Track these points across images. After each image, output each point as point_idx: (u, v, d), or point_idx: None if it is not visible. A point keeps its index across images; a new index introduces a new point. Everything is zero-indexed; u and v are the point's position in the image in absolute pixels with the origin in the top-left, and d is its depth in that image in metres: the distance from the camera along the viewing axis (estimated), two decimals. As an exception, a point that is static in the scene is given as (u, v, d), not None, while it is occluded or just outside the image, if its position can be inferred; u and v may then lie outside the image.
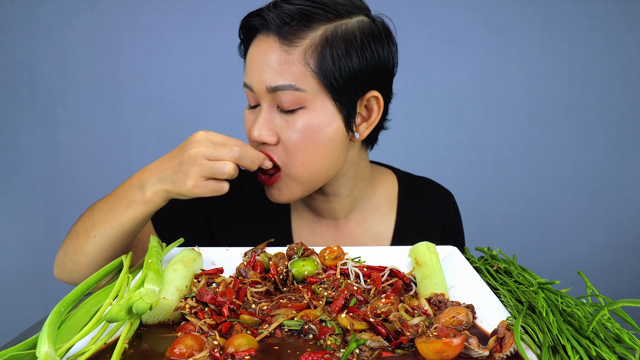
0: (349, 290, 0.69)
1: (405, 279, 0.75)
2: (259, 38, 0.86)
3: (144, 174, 0.82)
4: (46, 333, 0.50)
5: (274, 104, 0.85)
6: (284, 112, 0.84)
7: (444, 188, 1.14)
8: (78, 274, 0.89)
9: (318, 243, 1.03)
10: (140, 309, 0.58)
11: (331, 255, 0.79)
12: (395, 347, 0.56)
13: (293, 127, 0.83)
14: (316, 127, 0.84)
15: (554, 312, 0.57)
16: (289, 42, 0.82)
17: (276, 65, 0.82)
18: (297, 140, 0.84)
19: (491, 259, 0.82)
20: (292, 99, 0.82)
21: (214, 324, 0.61)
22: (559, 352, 0.52)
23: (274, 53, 0.82)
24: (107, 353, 0.55)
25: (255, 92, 0.85)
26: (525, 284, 0.67)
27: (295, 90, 0.82)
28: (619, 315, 0.55)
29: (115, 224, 0.83)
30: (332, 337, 0.57)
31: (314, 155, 0.85)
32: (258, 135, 0.85)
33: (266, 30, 0.84)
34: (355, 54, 0.83)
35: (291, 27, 0.81)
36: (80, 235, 0.87)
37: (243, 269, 0.77)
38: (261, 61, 0.83)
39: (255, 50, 0.85)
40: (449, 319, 0.61)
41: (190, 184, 0.77)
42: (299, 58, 0.82)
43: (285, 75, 0.81)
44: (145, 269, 0.68)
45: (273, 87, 0.82)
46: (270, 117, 0.85)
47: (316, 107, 0.84)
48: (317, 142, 0.84)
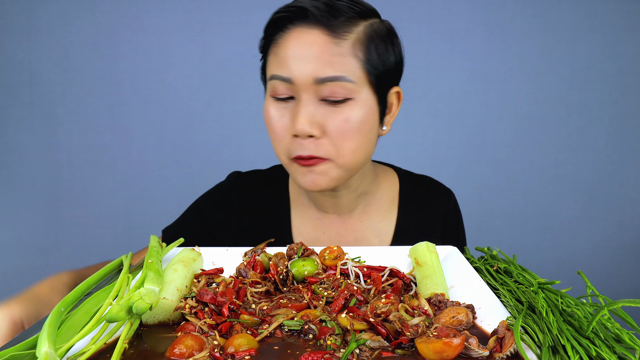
0: (349, 290, 0.69)
1: (405, 279, 0.75)
2: (296, 30, 0.85)
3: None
4: (46, 333, 0.50)
5: (317, 96, 0.85)
6: (331, 104, 0.85)
7: (444, 186, 1.15)
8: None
9: (320, 238, 1.04)
10: (140, 309, 0.58)
11: (331, 255, 0.79)
12: (395, 347, 0.56)
13: (340, 117, 0.85)
14: (363, 118, 0.86)
15: (554, 312, 0.57)
16: (337, 34, 0.83)
17: (326, 57, 0.83)
18: (346, 130, 0.85)
19: (491, 259, 0.82)
20: (342, 90, 0.83)
21: (214, 324, 0.61)
22: (559, 352, 0.52)
23: (323, 45, 0.83)
24: (107, 353, 0.55)
25: (296, 84, 0.84)
26: (525, 284, 0.67)
27: (345, 82, 0.83)
28: (619, 315, 0.55)
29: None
30: (332, 337, 0.57)
31: (362, 144, 0.88)
32: (302, 129, 0.84)
33: (307, 22, 0.84)
34: (390, 49, 0.89)
35: (340, 20, 0.84)
36: None
37: (243, 269, 0.77)
38: (308, 52, 0.83)
39: (297, 41, 0.84)
40: (449, 319, 0.61)
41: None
42: (348, 50, 0.84)
43: (336, 67, 0.83)
44: (145, 269, 0.68)
45: (322, 78, 0.82)
46: (313, 109, 0.85)
47: (362, 98, 0.86)
48: (364, 131, 0.87)
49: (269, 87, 0.89)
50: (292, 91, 0.86)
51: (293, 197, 1.08)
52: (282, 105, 0.88)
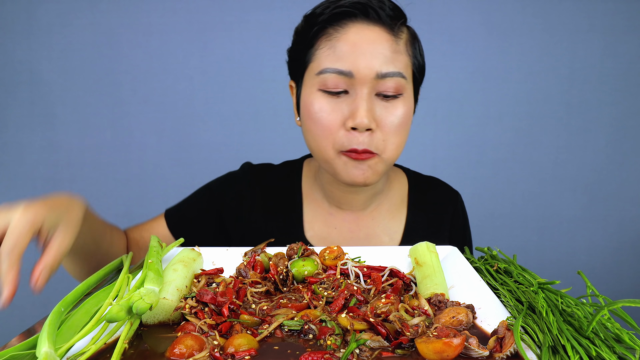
0: (349, 290, 0.69)
1: (405, 279, 0.75)
2: (357, 26, 0.88)
3: None
4: (46, 333, 0.50)
5: (374, 91, 0.88)
6: (384, 98, 0.89)
7: (451, 188, 1.17)
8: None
9: (332, 234, 1.05)
10: (140, 309, 0.58)
11: (331, 255, 0.79)
12: (395, 347, 0.56)
13: (394, 112, 0.90)
14: (408, 114, 0.92)
15: (554, 312, 0.57)
16: (395, 34, 0.89)
17: (389, 54, 0.87)
18: (397, 125, 0.90)
19: (491, 259, 0.82)
20: (397, 86, 0.88)
21: (214, 324, 0.61)
22: (559, 352, 0.52)
23: (386, 42, 0.88)
24: (107, 353, 0.55)
25: (357, 78, 0.86)
26: (525, 284, 0.67)
27: (401, 78, 0.88)
28: (619, 315, 0.55)
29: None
30: (332, 337, 0.57)
31: (404, 140, 0.94)
32: (361, 122, 0.86)
33: (368, 20, 0.88)
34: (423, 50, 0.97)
35: (396, 21, 0.90)
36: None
37: (243, 269, 0.77)
38: (371, 48, 0.86)
39: (359, 37, 0.87)
40: (449, 319, 0.61)
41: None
42: (403, 49, 0.90)
43: (396, 64, 0.88)
44: (145, 269, 0.68)
45: (384, 73, 0.86)
46: (370, 104, 0.88)
47: (409, 95, 0.93)
48: (407, 127, 0.93)
49: (318, 81, 0.89)
50: (347, 85, 0.88)
51: (305, 192, 1.08)
52: (334, 99, 0.89)
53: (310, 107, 0.90)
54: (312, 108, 0.90)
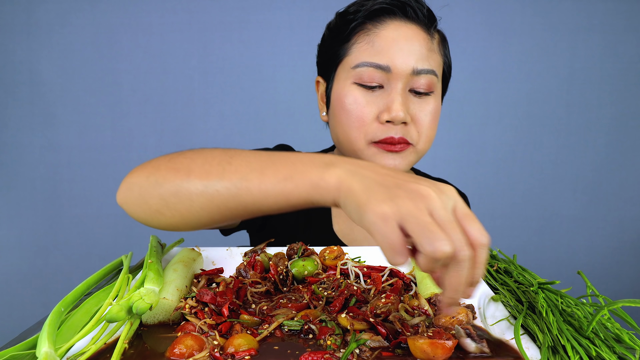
0: (349, 290, 0.69)
1: (405, 279, 0.75)
2: (395, 23, 0.91)
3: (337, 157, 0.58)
4: (46, 333, 0.50)
5: (408, 87, 0.91)
6: (417, 94, 0.92)
7: (459, 190, 1.17)
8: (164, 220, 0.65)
9: (354, 230, 1.06)
10: (140, 309, 0.58)
11: (331, 255, 0.79)
12: (395, 346, 0.56)
13: (427, 108, 0.93)
14: (438, 111, 0.96)
15: (554, 312, 0.57)
16: (429, 33, 0.93)
17: (425, 51, 0.91)
18: (429, 120, 0.94)
19: (491, 259, 0.82)
20: (430, 83, 0.91)
21: (214, 324, 0.61)
22: (559, 352, 0.52)
23: (422, 40, 0.91)
24: (107, 353, 0.55)
25: (394, 73, 0.89)
26: (525, 284, 0.67)
27: (434, 75, 0.92)
28: (619, 315, 0.55)
29: (256, 190, 0.59)
30: (332, 337, 0.57)
31: (434, 135, 0.97)
32: (397, 115, 0.88)
33: (406, 18, 0.91)
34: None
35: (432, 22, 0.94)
36: (194, 177, 0.62)
37: (243, 269, 0.77)
38: (409, 45, 0.90)
39: (398, 33, 0.90)
40: (448, 319, 0.61)
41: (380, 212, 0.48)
42: (437, 48, 0.95)
43: (430, 61, 0.91)
44: (145, 269, 0.67)
45: (419, 69, 0.89)
46: (405, 98, 0.91)
47: (438, 93, 0.96)
48: (436, 124, 0.97)
49: (354, 74, 0.91)
50: (383, 80, 0.90)
51: None
52: (369, 93, 0.92)
53: (344, 99, 0.93)
54: (346, 100, 0.92)
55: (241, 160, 0.61)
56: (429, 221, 0.47)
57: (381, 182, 0.51)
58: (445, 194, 0.50)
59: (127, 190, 0.68)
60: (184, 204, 0.62)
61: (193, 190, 0.62)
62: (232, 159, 0.62)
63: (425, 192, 0.49)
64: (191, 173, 0.62)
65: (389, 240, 0.47)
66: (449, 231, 0.47)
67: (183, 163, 0.65)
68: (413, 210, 0.47)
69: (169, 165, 0.66)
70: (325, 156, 0.58)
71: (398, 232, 0.47)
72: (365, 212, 0.49)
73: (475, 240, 0.48)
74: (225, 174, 0.60)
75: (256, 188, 0.58)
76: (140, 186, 0.66)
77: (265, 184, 0.58)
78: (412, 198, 0.48)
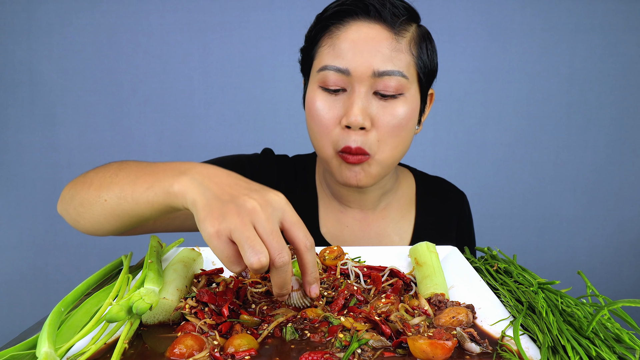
0: (349, 290, 0.69)
1: (405, 279, 0.75)
2: (357, 24, 0.87)
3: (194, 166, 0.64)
4: (46, 333, 0.50)
5: (371, 90, 0.87)
6: (382, 97, 0.87)
7: (457, 188, 1.18)
8: (81, 227, 0.79)
9: (344, 232, 1.05)
10: (140, 309, 0.58)
11: (331, 255, 0.79)
12: (396, 346, 0.56)
13: (392, 112, 0.88)
14: (409, 114, 0.90)
15: (554, 312, 0.57)
16: (397, 32, 0.88)
17: (388, 52, 0.86)
18: (394, 125, 0.88)
19: (491, 259, 0.82)
20: (397, 85, 0.86)
21: (214, 324, 0.61)
22: (559, 352, 0.52)
23: (385, 40, 0.86)
24: (107, 353, 0.55)
25: (354, 76, 0.86)
26: (525, 284, 0.67)
27: (401, 77, 0.87)
28: (619, 315, 0.55)
29: (130, 198, 0.68)
30: (342, 334, 0.57)
31: (402, 140, 0.91)
32: (355, 120, 0.85)
33: (369, 18, 0.87)
34: (433, 51, 0.95)
35: (400, 19, 0.88)
36: (92, 190, 0.73)
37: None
38: (369, 46, 0.86)
39: (358, 35, 0.87)
40: (449, 319, 0.61)
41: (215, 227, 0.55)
42: (406, 48, 0.88)
43: (395, 62, 0.86)
44: (145, 269, 0.67)
45: (381, 71, 0.85)
46: (367, 102, 0.87)
47: (411, 95, 0.90)
48: (406, 128, 0.90)
49: (319, 78, 0.89)
50: (345, 83, 0.87)
51: (318, 188, 1.09)
52: (332, 97, 0.89)
53: (310, 104, 0.91)
54: (312, 105, 0.90)
55: (125, 172, 0.71)
56: (249, 235, 0.54)
57: (219, 196, 0.58)
58: (271, 206, 0.57)
59: (60, 202, 0.82)
60: (87, 212, 0.74)
61: (91, 200, 0.73)
62: (119, 171, 0.72)
63: (251, 207, 0.56)
64: (91, 185, 0.74)
65: (223, 254, 0.56)
66: (268, 242, 0.55)
67: (90, 177, 0.76)
68: (239, 226, 0.54)
69: (81, 180, 0.77)
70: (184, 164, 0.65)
71: (230, 245, 0.56)
72: (202, 229, 0.56)
73: (299, 245, 0.59)
74: (111, 185, 0.70)
75: (130, 197, 0.68)
76: (64, 198, 0.79)
77: (135, 193, 0.67)
78: (240, 213, 0.55)
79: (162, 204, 0.64)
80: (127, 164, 0.74)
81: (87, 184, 0.75)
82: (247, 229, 0.54)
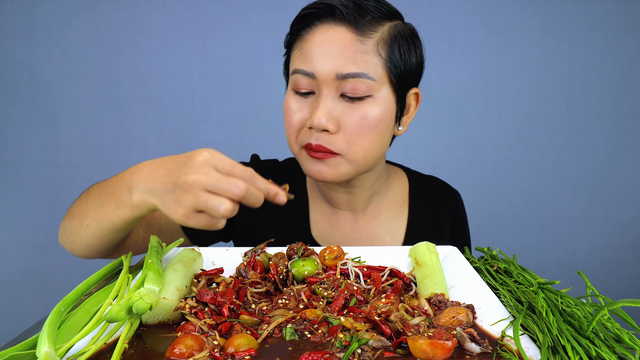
0: (349, 290, 0.69)
1: (405, 279, 0.75)
2: (323, 27, 0.87)
3: (134, 175, 0.73)
4: (46, 333, 0.50)
5: (337, 92, 0.87)
6: (349, 100, 0.87)
7: (451, 187, 1.17)
8: (77, 252, 0.90)
9: (335, 234, 1.05)
10: (140, 309, 0.58)
11: (331, 255, 0.79)
12: (396, 346, 0.56)
13: (358, 114, 0.87)
14: (379, 116, 0.88)
15: (554, 312, 0.57)
16: (363, 32, 0.86)
17: (351, 54, 0.85)
18: (362, 126, 0.87)
19: (491, 259, 0.82)
20: (362, 87, 0.85)
21: (214, 324, 0.61)
22: (559, 352, 0.52)
23: (348, 42, 0.85)
24: (107, 353, 0.55)
25: (319, 79, 0.86)
26: (525, 284, 0.67)
27: (366, 79, 0.85)
28: (619, 315, 0.55)
29: (106, 220, 0.78)
30: (342, 334, 0.57)
31: (374, 142, 0.90)
32: (319, 123, 0.85)
33: (334, 19, 0.86)
34: (413, 50, 0.92)
35: (366, 19, 0.86)
36: (76, 219, 0.84)
37: (243, 269, 0.77)
38: (332, 48, 0.85)
39: (322, 38, 0.86)
40: (449, 319, 0.61)
41: (181, 213, 0.66)
42: (372, 48, 0.86)
43: (359, 64, 0.85)
44: (145, 269, 0.68)
45: (345, 74, 0.84)
46: (332, 105, 0.87)
47: (381, 97, 0.88)
48: (378, 129, 0.89)
49: (291, 81, 0.91)
50: (313, 86, 0.88)
51: (309, 190, 1.09)
52: (302, 99, 0.90)
53: (285, 105, 0.93)
54: (285, 107, 0.92)
55: (93, 197, 0.81)
56: (205, 199, 0.64)
57: (165, 190, 0.68)
58: (203, 166, 0.65)
59: (59, 236, 0.93)
60: (77, 238, 0.85)
61: (77, 227, 0.84)
62: (89, 197, 0.83)
63: (191, 180, 0.64)
64: (74, 216, 0.85)
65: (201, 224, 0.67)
66: (221, 190, 0.65)
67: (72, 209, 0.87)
68: (193, 200, 0.65)
69: (68, 213, 0.88)
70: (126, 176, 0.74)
71: (200, 216, 0.66)
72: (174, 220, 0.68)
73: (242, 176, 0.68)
74: (87, 212, 0.81)
75: (105, 218, 0.78)
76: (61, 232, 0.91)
77: (107, 215, 0.77)
78: (187, 191, 0.65)
79: (132, 215, 0.75)
80: (92, 189, 0.85)
81: (71, 216, 0.86)
82: (199, 197, 0.64)
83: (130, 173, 0.74)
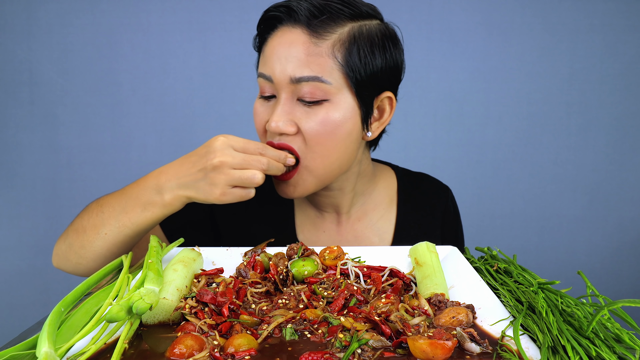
0: (349, 290, 0.69)
1: (405, 279, 0.75)
2: (282, 29, 0.86)
3: (161, 177, 0.81)
4: (46, 333, 0.50)
5: (295, 96, 0.85)
6: (306, 104, 0.85)
7: (441, 183, 1.15)
8: (83, 267, 0.90)
9: (321, 238, 1.04)
10: (140, 309, 0.58)
11: (331, 255, 0.79)
12: (396, 346, 0.56)
13: (315, 119, 0.85)
14: (337, 121, 0.85)
15: (554, 312, 0.57)
16: (317, 34, 0.83)
17: (303, 57, 0.83)
18: (318, 131, 0.85)
19: (491, 259, 0.82)
20: (316, 91, 0.83)
21: (214, 324, 0.61)
22: (559, 352, 0.52)
23: (302, 44, 0.83)
24: (107, 353, 0.55)
25: (275, 83, 0.85)
26: (525, 284, 0.67)
27: (320, 82, 0.83)
28: (619, 315, 0.55)
29: (130, 224, 0.83)
30: (342, 334, 0.57)
31: (333, 149, 0.87)
32: (275, 126, 0.85)
33: (292, 21, 0.85)
34: (378, 53, 0.87)
35: (321, 20, 0.83)
36: (88, 231, 0.86)
37: (243, 269, 0.77)
38: (286, 52, 0.84)
39: (279, 41, 0.85)
40: (449, 319, 0.61)
41: (218, 192, 0.77)
42: (327, 51, 0.83)
43: (312, 67, 0.83)
44: (145, 269, 0.68)
45: (298, 77, 0.83)
46: (289, 108, 0.85)
47: (339, 101, 0.85)
48: (336, 135, 0.86)
49: (258, 85, 0.91)
50: (272, 89, 0.88)
51: None
52: (266, 103, 0.90)
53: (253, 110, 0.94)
54: (253, 110, 0.93)
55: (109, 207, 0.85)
56: (238, 174, 0.76)
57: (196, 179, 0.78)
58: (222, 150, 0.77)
59: (56, 256, 0.94)
60: (89, 251, 0.87)
61: (91, 239, 0.86)
62: (103, 208, 0.86)
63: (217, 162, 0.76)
64: (85, 229, 0.87)
65: (240, 196, 0.79)
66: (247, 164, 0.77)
67: (78, 224, 0.89)
68: (227, 179, 0.76)
69: (71, 229, 0.90)
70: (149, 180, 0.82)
71: (235, 190, 0.78)
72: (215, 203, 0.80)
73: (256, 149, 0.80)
74: (105, 221, 0.85)
75: (129, 223, 0.83)
76: (60, 251, 0.92)
77: (133, 219, 0.83)
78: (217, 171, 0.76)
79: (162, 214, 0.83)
80: (103, 201, 0.88)
81: (80, 231, 0.88)
82: (231, 175, 0.76)
83: (155, 176, 0.82)
